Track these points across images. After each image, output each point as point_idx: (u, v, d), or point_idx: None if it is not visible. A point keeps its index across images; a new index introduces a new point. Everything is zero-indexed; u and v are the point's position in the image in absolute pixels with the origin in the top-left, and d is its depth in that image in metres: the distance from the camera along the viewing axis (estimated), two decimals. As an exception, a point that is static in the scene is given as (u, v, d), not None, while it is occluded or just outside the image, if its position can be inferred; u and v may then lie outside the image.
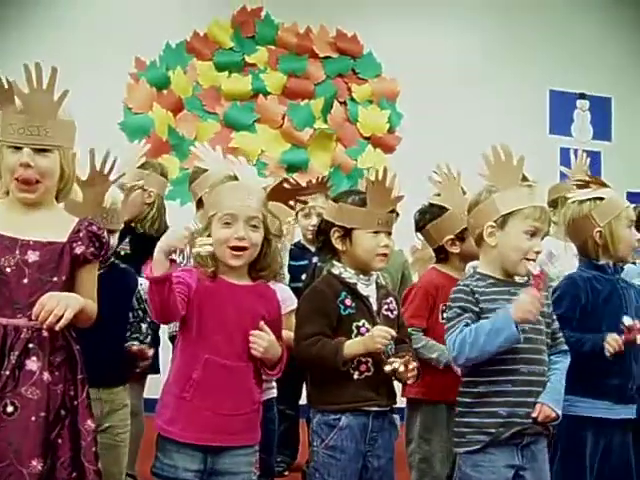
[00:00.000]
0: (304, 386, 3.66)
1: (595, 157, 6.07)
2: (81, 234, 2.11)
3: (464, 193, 2.83)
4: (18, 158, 2.04)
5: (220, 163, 2.51)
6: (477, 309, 2.31)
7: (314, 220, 3.76)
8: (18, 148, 2.05)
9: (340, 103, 6.19)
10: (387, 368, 2.28)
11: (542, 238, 2.37)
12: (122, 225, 2.76)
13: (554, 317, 2.44)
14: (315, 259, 2.73)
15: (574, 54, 6.44)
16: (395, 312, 2.48)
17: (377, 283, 2.47)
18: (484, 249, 2.41)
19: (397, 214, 2.51)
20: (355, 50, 6.23)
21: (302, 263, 3.76)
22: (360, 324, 2.35)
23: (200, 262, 2.26)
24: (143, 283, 2.86)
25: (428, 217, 2.89)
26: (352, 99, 6.20)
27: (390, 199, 2.41)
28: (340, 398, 2.32)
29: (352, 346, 2.28)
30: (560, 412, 2.31)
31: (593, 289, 2.60)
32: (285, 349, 2.33)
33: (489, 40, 6.35)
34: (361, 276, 2.42)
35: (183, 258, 3.33)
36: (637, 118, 6.57)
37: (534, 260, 2.32)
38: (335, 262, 2.44)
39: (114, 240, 2.67)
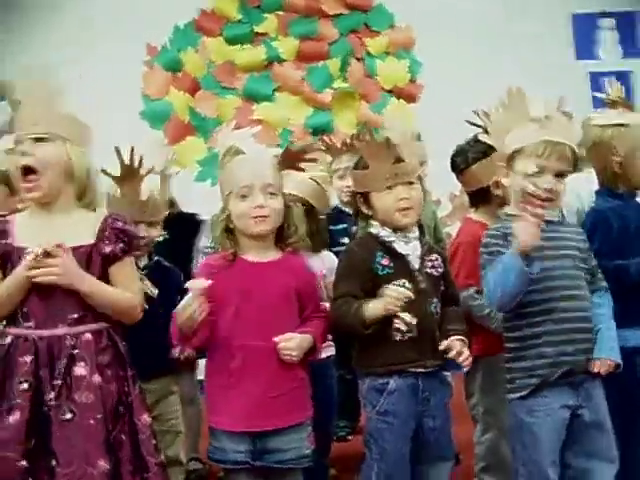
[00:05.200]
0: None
1: (626, 77, 5.87)
2: (107, 232, 2.12)
3: None
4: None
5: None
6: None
7: (349, 181, 3.70)
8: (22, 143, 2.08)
9: (357, 59, 6.06)
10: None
11: (561, 175, 2.25)
12: (165, 213, 2.81)
13: (591, 253, 2.37)
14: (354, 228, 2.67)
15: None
16: (440, 269, 2.39)
17: (421, 240, 2.39)
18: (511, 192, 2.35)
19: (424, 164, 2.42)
20: (365, 4, 6.07)
21: (341, 227, 3.71)
22: (400, 284, 2.26)
23: (220, 244, 2.27)
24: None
25: (472, 156, 2.75)
26: (368, 53, 6.06)
27: (387, 151, 2.32)
28: (384, 360, 2.28)
29: (372, 308, 2.21)
30: (619, 360, 2.26)
31: (622, 217, 2.53)
32: (322, 324, 2.30)
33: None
34: (399, 233, 2.35)
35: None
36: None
37: (546, 199, 2.22)
38: (373, 222, 2.38)
39: (158, 231, 2.75)
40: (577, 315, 2.25)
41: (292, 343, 2.20)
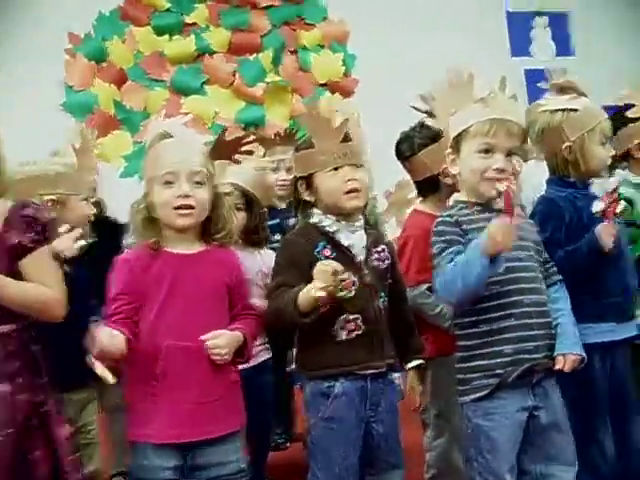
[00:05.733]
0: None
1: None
2: (14, 221, 1.87)
3: None
4: None
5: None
6: (464, 240, 2.10)
7: (283, 174, 3.54)
8: None
9: (290, 52, 5.94)
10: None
11: (510, 153, 2.14)
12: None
13: (543, 246, 2.26)
14: (292, 220, 2.51)
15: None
16: (387, 262, 2.22)
17: (366, 229, 2.22)
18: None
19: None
20: (298, -5, 5.96)
21: (273, 222, 3.54)
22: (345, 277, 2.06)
23: (140, 234, 2.06)
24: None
25: (418, 142, 2.60)
26: (302, 46, 5.94)
27: (334, 128, 2.15)
28: (329, 362, 2.10)
29: (305, 292, 2.00)
30: (583, 353, 2.14)
31: (575, 207, 2.40)
32: (253, 323, 2.13)
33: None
34: (343, 223, 2.17)
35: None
36: (597, 28, 6.34)
37: (500, 179, 2.10)
38: (315, 210, 2.20)
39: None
40: (537, 310, 2.12)
41: (221, 340, 2.00)
